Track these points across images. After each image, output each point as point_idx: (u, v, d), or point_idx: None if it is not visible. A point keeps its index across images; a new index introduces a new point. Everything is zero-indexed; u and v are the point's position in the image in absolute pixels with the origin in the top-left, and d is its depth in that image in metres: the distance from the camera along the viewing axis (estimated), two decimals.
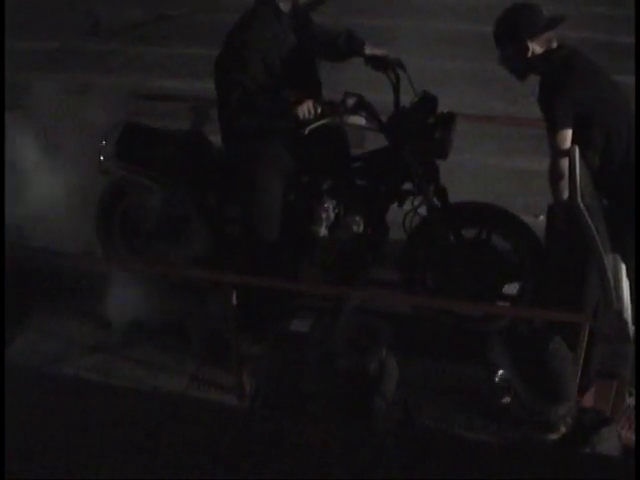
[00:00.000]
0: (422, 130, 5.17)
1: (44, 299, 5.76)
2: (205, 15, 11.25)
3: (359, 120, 5.15)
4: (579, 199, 3.98)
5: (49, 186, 6.12)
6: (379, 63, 5.30)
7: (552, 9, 4.82)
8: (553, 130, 4.54)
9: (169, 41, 10.98)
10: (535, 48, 4.71)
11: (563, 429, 3.18)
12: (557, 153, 4.50)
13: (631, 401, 4.82)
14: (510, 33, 4.73)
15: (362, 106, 5.12)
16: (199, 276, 5.44)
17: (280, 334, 5.10)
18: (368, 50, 5.32)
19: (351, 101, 5.05)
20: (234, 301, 4.64)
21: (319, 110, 4.92)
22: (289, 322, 5.20)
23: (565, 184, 4.32)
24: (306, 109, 4.89)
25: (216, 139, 5.54)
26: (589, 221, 4.09)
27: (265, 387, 4.25)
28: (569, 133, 4.51)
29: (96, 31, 11.40)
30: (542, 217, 5.47)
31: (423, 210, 5.35)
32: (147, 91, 8.94)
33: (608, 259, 4.27)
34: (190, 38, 10.51)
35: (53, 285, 5.82)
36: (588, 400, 4.58)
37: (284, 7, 5.12)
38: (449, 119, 5.23)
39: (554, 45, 4.73)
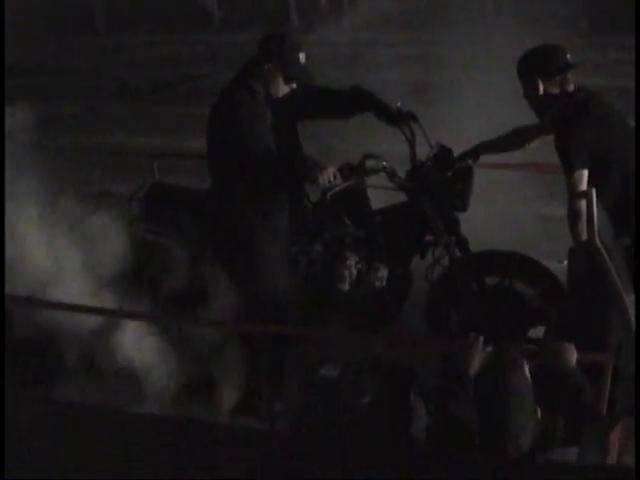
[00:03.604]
0: (441, 185, 5.24)
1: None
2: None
3: (379, 181, 5.24)
4: (597, 239, 4.06)
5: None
6: (392, 117, 5.25)
7: (577, 55, 4.94)
8: (569, 171, 4.63)
9: (193, 101, 11.15)
10: (548, 88, 4.81)
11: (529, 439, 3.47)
12: (574, 194, 4.58)
13: None
14: (525, 70, 4.89)
15: (381, 167, 5.17)
16: (227, 327, 5.49)
17: (310, 379, 5.15)
18: (378, 103, 5.26)
19: (371, 163, 5.12)
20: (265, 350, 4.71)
21: (339, 177, 4.96)
22: (319, 368, 5.25)
23: (583, 225, 4.40)
24: (328, 176, 4.93)
25: None
26: (608, 261, 4.16)
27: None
28: (585, 174, 4.59)
29: (122, 93, 11.62)
30: (566, 262, 5.52)
31: (446, 261, 5.40)
32: (173, 150, 9.05)
33: (629, 298, 4.32)
34: (213, 97, 10.65)
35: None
36: (615, 438, 4.60)
37: (256, 86, 5.10)
38: (467, 172, 5.31)
39: (570, 88, 4.84)
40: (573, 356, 4.05)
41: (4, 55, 7.31)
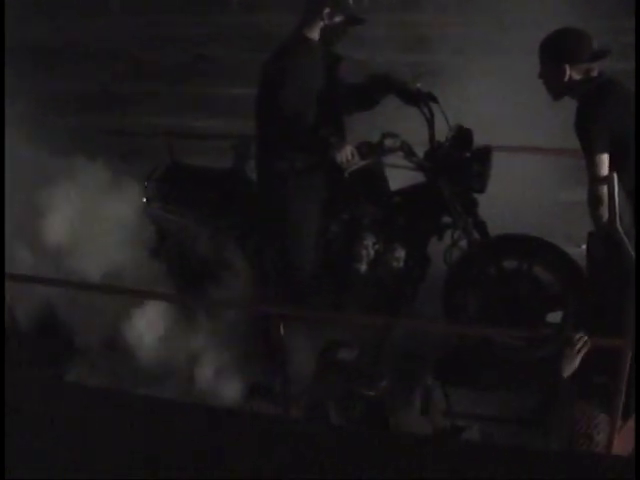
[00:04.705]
0: (459, 165, 5.21)
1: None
2: (242, 55, 11.40)
3: (397, 160, 5.22)
4: (618, 224, 4.03)
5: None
6: (411, 97, 5.28)
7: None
8: (590, 156, 4.59)
9: (207, 81, 11.13)
10: (573, 74, 4.75)
11: None
12: (595, 179, 4.54)
13: None
14: (551, 54, 4.79)
15: (399, 146, 5.17)
16: (243, 307, 5.48)
17: (327, 363, 5.15)
18: (398, 84, 5.30)
19: (389, 142, 5.11)
20: (282, 332, 4.70)
21: (357, 155, 4.96)
22: (336, 351, 5.25)
23: (604, 210, 4.37)
24: (346, 154, 4.93)
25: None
26: (629, 246, 4.13)
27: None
28: (606, 158, 4.55)
29: (136, 73, 11.61)
30: (584, 246, 5.49)
31: (464, 243, 5.37)
32: (187, 131, 9.04)
33: None
34: (227, 78, 10.63)
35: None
36: (631, 426, 4.57)
37: (313, 35, 5.19)
38: (485, 153, 5.29)
39: (594, 74, 4.79)
40: (586, 346, 4.06)
41: (4, 53, 7.33)
